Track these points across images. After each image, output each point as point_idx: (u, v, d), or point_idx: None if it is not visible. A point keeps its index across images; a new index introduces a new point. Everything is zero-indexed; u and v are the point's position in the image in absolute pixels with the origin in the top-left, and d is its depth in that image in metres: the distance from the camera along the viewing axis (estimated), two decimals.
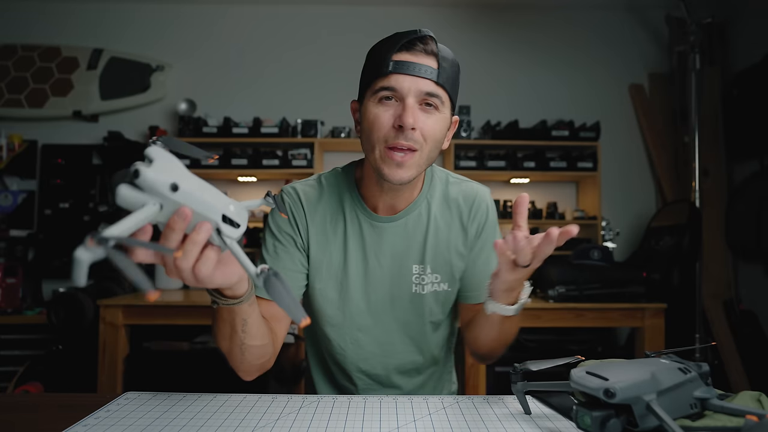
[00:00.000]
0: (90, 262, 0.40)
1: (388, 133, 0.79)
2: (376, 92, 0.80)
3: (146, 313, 2.21)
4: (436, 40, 0.81)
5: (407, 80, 0.78)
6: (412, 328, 0.92)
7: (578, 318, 2.24)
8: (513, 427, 0.68)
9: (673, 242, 2.54)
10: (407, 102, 0.78)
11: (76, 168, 3.00)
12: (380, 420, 0.70)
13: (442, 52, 0.81)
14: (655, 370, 0.58)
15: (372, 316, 0.92)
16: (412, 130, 0.77)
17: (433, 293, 0.91)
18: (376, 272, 0.90)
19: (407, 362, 0.95)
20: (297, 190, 0.92)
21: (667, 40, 3.19)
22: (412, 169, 0.80)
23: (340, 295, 0.91)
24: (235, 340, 0.75)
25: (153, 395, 0.81)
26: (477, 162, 2.88)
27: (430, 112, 0.80)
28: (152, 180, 0.47)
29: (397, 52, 0.79)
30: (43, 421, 0.71)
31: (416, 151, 0.80)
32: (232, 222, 0.53)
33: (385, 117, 0.79)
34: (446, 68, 0.81)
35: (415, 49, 0.79)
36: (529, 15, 3.22)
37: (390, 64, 0.78)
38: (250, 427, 0.67)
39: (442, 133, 0.83)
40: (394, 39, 0.80)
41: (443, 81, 0.80)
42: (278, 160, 2.86)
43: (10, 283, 2.63)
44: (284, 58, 3.18)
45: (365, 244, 0.90)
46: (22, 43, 3.05)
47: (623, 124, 3.17)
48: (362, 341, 0.92)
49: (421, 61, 0.79)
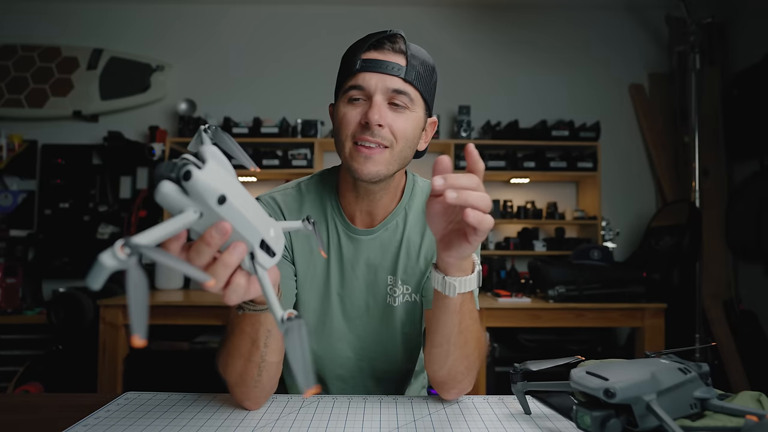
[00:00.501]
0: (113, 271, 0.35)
1: (356, 129, 0.79)
2: (346, 92, 0.80)
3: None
4: (405, 39, 0.81)
5: (374, 77, 0.78)
6: (386, 337, 0.92)
7: (578, 318, 2.24)
8: (513, 427, 0.68)
9: (673, 242, 2.55)
10: (374, 99, 0.77)
11: (76, 168, 3.00)
12: (380, 420, 0.70)
13: (412, 51, 0.80)
14: (655, 370, 0.58)
15: (348, 325, 0.92)
16: (379, 126, 0.77)
17: (404, 304, 0.91)
18: (353, 282, 0.90)
19: (380, 370, 0.95)
20: (276, 200, 0.91)
21: (667, 40, 3.19)
22: (381, 165, 0.79)
23: (322, 305, 0.91)
24: (253, 357, 0.70)
25: (153, 395, 0.81)
26: None
27: (400, 111, 0.79)
28: (203, 187, 0.41)
29: (366, 51, 0.79)
30: (43, 421, 0.71)
31: (387, 147, 0.79)
32: (268, 249, 0.47)
33: (352, 115, 0.79)
34: (416, 66, 0.80)
35: (383, 47, 0.79)
36: (529, 15, 3.22)
37: (358, 62, 0.79)
38: (250, 427, 0.67)
39: (414, 132, 0.82)
40: (364, 39, 0.81)
41: (412, 78, 0.79)
42: (278, 160, 2.86)
43: (10, 283, 2.63)
44: (284, 58, 3.18)
45: (342, 254, 0.90)
46: (22, 43, 3.06)
47: (623, 124, 3.17)
48: (338, 348, 0.92)
49: (388, 58, 0.79)
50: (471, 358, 0.74)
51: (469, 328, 0.72)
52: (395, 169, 0.82)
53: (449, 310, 0.68)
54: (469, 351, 0.74)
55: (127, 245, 0.34)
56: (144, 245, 0.35)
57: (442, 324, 0.70)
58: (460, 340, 0.71)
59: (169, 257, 0.38)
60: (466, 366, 0.74)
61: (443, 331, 0.71)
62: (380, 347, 0.93)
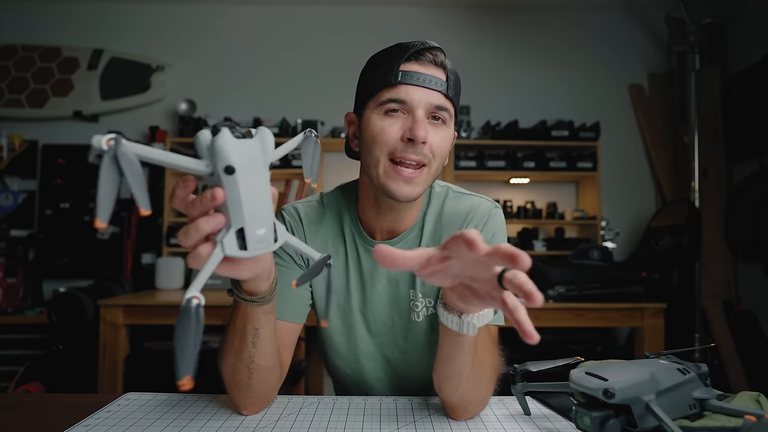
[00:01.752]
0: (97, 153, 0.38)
1: (396, 145, 0.74)
2: (383, 104, 0.75)
3: (146, 313, 2.21)
4: (444, 52, 0.78)
5: (418, 91, 0.73)
6: (414, 356, 0.89)
7: (578, 318, 2.24)
8: (513, 427, 0.68)
9: (673, 242, 2.55)
10: (417, 114, 0.73)
11: (77, 168, 3.00)
12: (380, 420, 0.70)
13: (449, 68, 0.77)
14: (654, 370, 0.58)
15: (374, 343, 0.89)
16: (422, 144, 0.73)
17: (428, 318, 0.87)
18: (374, 298, 0.87)
19: (410, 389, 0.91)
20: (298, 210, 0.89)
21: (666, 40, 3.19)
22: (420, 186, 0.76)
23: (344, 322, 0.89)
24: (242, 356, 0.68)
25: (153, 396, 0.81)
26: (477, 162, 2.88)
27: (438, 126, 0.76)
28: (220, 149, 0.43)
29: (405, 62, 0.74)
30: (44, 421, 0.71)
31: (425, 166, 0.75)
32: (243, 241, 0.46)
33: (392, 130, 0.74)
34: (453, 80, 0.77)
35: (424, 59, 0.75)
36: (529, 15, 3.22)
37: (399, 74, 0.74)
38: (251, 427, 0.68)
39: (448, 148, 0.79)
40: (401, 48, 0.76)
41: (452, 94, 0.77)
42: (278, 160, 2.86)
43: (10, 283, 2.63)
44: (284, 58, 3.18)
45: (362, 268, 0.87)
46: (22, 43, 3.06)
47: (623, 124, 3.17)
48: (367, 368, 0.90)
49: (430, 72, 0.75)
50: (484, 390, 0.71)
51: (483, 362, 0.67)
52: (429, 186, 0.80)
53: (464, 348, 0.63)
54: (483, 384, 0.70)
55: (114, 139, 0.38)
56: (129, 142, 0.39)
57: (454, 359, 0.65)
58: (473, 374, 0.67)
59: (153, 152, 0.41)
60: (478, 396, 0.71)
61: (455, 366, 0.66)
62: (410, 367, 0.89)
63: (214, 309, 2.18)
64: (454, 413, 0.72)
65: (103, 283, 2.58)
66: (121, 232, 2.92)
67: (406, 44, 0.76)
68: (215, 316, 2.18)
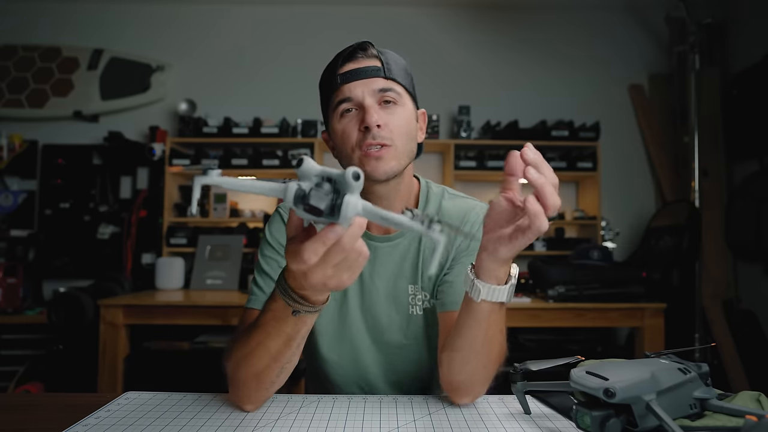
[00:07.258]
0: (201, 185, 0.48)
1: (358, 138, 0.81)
2: (335, 108, 0.83)
3: (146, 313, 2.21)
4: (373, 44, 0.85)
5: (358, 85, 0.81)
6: (413, 350, 0.91)
7: (578, 318, 2.24)
8: (513, 427, 0.68)
9: (673, 242, 2.55)
10: (366, 104, 0.80)
11: (77, 168, 2.99)
12: (380, 420, 0.70)
13: (383, 53, 0.84)
14: (654, 370, 0.58)
15: (371, 337, 0.91)
16: (378, 128, 0.79)
17: (425, 311, 0.90)
18: (372, 293, 0.89)
19: (407, 380, 0.93)
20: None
21: (666, 40, 3.19)
22: (392, 161, 0.81)
23: (340, 316, 0.90)
24: (282, 357, 0.67)
25: (153, 395, 0.81)
26: (477, 162, 2.88)
27: (391, 108, 0.82)
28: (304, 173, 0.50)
29: (342, 66, 0.83)
30: (44, 420, 0.71)
31: (390, 146, 0.81)
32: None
33: (350, 126, 0.82)
34: (391, 63, 0.84)
35: (356, 57, 0.83)
36: (529, 15, 3.21)
37: (338, 78, 0.83)
38: (251, 427, 0.68)
39: (410, 125, 0.85)
40: (337, 56, 0.84)
41: (393, 75, 0.83)
42: (278, 160, 2.86)
43: (10, 283, 2.63)
44: (284, 58, 3.18)
45: None
46: (22, 43, 3.06)
47: (623, 124, 3.17)
48: (363, 360, 0.91)
49: (364, 64, 0.82)
50: (490, 369, 0.74)
51: (493, 339, 0.70)
52: (405, 163, 0.85)
53: (472, 316, 0.67)
54: (490, 362, 0.73)
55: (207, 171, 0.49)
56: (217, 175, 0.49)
57: (466, 328, 0.69)
58: (484, 350, 0.70)
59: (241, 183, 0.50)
60: (485, 375, 0.74)
61: (466, 334, 0.69)
62: (407, 361, 0.91)
63: (214, 309, 2.18)
64: (457, 394, 0.76)
65: (103, 283, 2.58)
66: (121, 232, 2.92)
67: (340, 51, 0.85)
68: (215, 316, 2.18)
